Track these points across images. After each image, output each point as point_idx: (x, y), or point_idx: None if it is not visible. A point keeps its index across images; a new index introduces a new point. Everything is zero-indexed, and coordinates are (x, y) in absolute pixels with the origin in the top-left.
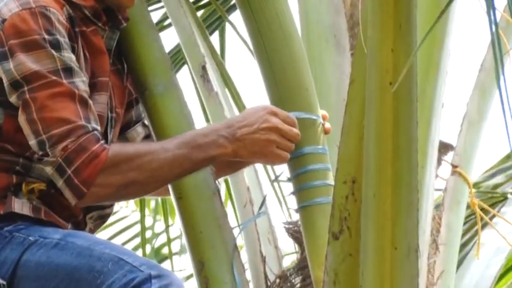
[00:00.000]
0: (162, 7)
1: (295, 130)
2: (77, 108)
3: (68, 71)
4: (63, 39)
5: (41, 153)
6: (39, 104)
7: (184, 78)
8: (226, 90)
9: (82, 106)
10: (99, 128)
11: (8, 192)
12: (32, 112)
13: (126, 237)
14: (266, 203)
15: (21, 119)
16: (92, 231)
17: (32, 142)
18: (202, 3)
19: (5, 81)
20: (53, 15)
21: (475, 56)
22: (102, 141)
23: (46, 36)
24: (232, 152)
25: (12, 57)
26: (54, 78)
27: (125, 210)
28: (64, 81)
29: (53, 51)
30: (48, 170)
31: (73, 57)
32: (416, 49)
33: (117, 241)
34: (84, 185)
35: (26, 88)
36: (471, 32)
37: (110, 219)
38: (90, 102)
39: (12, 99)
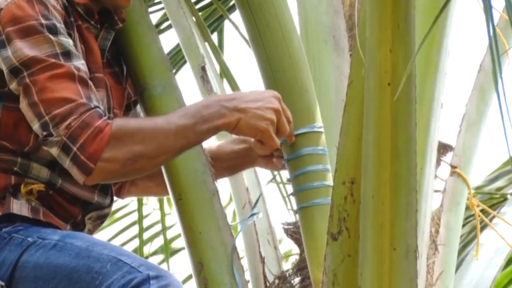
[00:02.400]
0: (162, 8)
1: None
2: (77, 87)
3: (67, 54)
4: (60, 25)
5: (44, 133)
6: (40, 86)
7: (183, 79)
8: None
9: (82, 86)
10: (101, 106)
11: (6, 194)
12: (33, 95)
13: (133, 232)
14: (265, 203)
15: (23, 104)
16: (91, 232)
17: (36, 126)
18: (201, 5)
19: (4, 69)
20: (49, 2)
21: (474, 56)
22: (105, 117)
23: (43, 21)
24: (234, 122)
25: (9, 44)
26: (53, 60)
27: (134, 204)
28: (63, 63)
29: (51, 36)
30: (54, 151)
31: (71, 41)
32: (417, 51)
33: (126, 235)
34: (91, 160)
35: (25, 73)
36: (470, 32)
37: (118, 214)
38: (91, 83)
39: (13, 86)
